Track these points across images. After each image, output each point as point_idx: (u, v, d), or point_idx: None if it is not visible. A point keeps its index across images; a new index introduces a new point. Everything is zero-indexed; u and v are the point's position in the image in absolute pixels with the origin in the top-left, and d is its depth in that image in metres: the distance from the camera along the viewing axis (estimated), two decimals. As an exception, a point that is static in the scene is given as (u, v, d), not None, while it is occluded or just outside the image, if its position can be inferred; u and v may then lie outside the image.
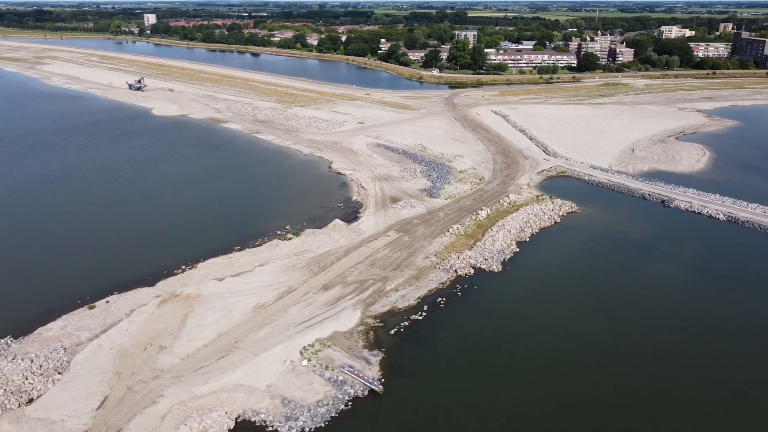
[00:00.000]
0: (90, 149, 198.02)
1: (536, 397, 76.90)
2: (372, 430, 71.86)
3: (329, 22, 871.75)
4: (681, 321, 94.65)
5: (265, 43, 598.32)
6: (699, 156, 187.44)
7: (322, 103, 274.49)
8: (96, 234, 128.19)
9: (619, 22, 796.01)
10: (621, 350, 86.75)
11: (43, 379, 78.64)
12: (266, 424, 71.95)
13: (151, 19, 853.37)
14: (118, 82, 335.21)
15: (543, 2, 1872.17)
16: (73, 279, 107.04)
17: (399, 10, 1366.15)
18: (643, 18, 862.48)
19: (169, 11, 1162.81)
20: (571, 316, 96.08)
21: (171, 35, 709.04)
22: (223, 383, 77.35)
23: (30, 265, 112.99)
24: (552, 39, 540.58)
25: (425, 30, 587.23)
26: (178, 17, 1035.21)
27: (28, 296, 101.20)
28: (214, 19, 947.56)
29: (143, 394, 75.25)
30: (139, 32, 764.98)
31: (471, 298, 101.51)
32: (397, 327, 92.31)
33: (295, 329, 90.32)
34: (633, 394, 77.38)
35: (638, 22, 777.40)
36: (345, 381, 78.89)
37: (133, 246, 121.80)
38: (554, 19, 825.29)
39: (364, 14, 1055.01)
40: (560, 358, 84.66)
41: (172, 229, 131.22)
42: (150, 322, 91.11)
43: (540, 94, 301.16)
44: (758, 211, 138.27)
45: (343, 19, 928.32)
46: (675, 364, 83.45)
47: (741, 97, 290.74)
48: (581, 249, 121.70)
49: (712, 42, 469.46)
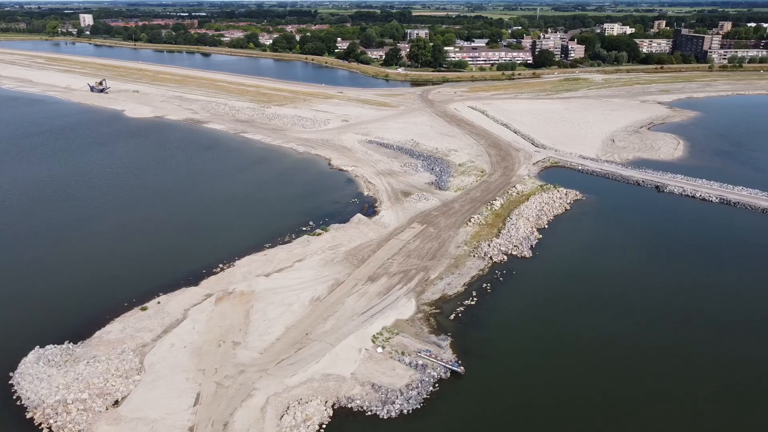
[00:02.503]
0: (78, 153, 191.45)
1: (607, 369, 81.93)
2: (465, 408, 74.86)
3: (275, 21, 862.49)
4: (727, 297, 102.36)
5: (216, 43, 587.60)
6: (675, 145, 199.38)
7: (299, 102, 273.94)
8: (127, 237, 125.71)
9: (559, 20, 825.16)
10: (672, 317, 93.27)
11: (123, 380, 77.72)
12: (364, 409, 73.90)
13: (87, 19, 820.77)
14: (76, 85, 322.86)
15: (479, 1, 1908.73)
16: (115, 282, 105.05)
17: (339, 9, 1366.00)
18: (581, 16, 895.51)
19: (103, 11, 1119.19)
20: (612, 294, 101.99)
21: (114, 36, 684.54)
22: (310, 373, 78.69)
23: (71, 271, 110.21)
24: (502, 37, 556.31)
25: (378, 29, 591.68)
26: (115, 17, 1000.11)
27: (74, 301, 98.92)
28: (153, 19, 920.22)
29: (235, 388, 75.67)
30: (78, 33, 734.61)
31: (513, 283, 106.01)
32: (454, 313, 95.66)
33: (359, 319, 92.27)
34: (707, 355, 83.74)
35: (577, 20, 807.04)
36: (426, 365, 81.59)
37: (166, 248, 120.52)
38: (497, 18, 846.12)
39: (308, 13, 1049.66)
40: (618, 332, 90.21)
41: (200, 230, 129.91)
42: (213, 320, 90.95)
43: (508, 89, 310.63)
44: (744, 193, 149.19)
45: (289, 19, 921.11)
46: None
47: (693, 89, 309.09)
48: (600, 233, 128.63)
49: (654, 38, 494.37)
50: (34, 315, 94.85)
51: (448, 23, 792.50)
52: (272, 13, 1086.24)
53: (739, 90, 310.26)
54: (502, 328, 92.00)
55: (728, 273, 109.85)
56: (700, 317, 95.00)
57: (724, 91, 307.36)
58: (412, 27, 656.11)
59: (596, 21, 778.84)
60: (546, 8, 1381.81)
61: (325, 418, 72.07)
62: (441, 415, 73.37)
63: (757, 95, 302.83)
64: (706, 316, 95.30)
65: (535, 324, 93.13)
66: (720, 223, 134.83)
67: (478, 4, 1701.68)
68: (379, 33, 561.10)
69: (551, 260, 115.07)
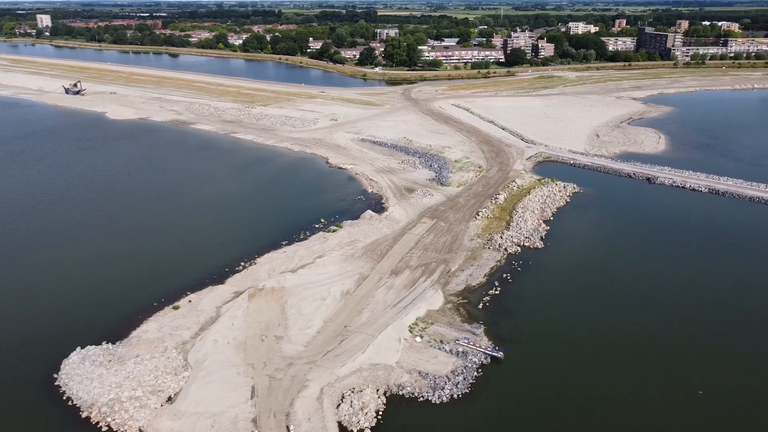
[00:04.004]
0: (72, 158, 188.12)
1: (640, 351, 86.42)
2: (511, 391, 78.06)
3: (240, 22, 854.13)
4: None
5: (184, 43, 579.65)
6: (656, 139, 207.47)
7: (283, 101, 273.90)
8: (144, 239, 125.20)
9: (523, 20, 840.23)
10: (692, 297, 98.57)
11: (173, 377, 78.48)
12: (415, 395, 76.45)
13: (45, 20, 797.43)
14: (50, 87, 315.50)
15: (439, 1, 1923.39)
16: (141, 283, 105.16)
17: (301, 9, 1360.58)
18: (544, 15, 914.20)
19: (58, 11, 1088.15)
20: (629, 280, 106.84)
21: (76, 37, 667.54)
22: (358, 364, 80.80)
23: (95, 273, 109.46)
24: (470, 36, 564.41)
25: (348, 29, 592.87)
26: (72, 18, 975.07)
27: (105, 302, 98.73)
28: (114, 20, 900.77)
29: (288, 380, 77.26)
30: (37, 34, 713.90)
31: (531, 272, 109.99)
32: (482, 302, 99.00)
33: (393, 311, 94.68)
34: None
35: (541, 19, 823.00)
36: (466, 352, 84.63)
37: (185, 248, 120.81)
38: (463, 17, 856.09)
39: (272, 14, 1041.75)
40: (643, 315, 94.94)
41: (214, 230, 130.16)
42: (251, 316, 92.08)
43: (487, 87, 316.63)
44: (730, 183, 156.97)
45: (254, 19, 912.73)
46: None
47: (664, 85, 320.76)
48: (604, 222, 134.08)
49: (619, 37, 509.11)
50: (67, 317, 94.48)
51: (415, 23, 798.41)
52: (236, 13, 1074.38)
53: (705, 86, 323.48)
54: (531, 315, 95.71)
55: (741, 256, 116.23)
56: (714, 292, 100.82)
57: (692, 86, 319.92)
58: (381, 27, 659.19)
59: (559, 20, 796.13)
60: (506, 7, 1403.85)
61: (380, 405, 74.36)
62: (490, 397, 76.50)
63: (723, 90, 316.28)
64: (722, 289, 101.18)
65: (561, 310, 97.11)
66: (714, 211, 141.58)
67: (439, 4, 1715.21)
68: (349, 32, 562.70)
69: (563, 250, 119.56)
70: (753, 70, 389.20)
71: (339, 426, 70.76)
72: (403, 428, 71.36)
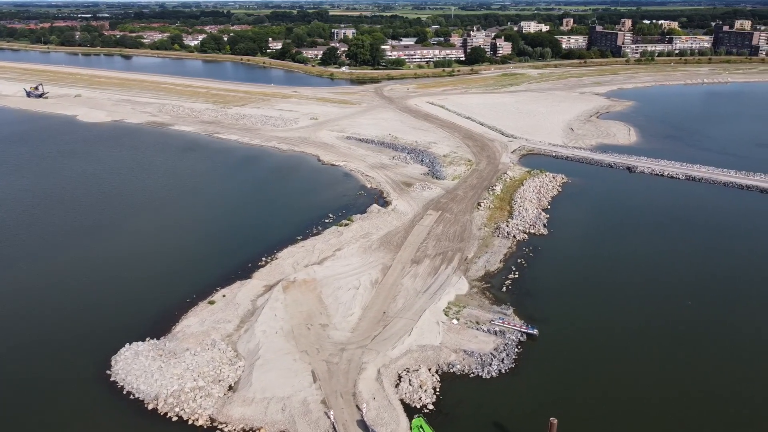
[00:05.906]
0: (52, 163, 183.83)
1: (663, 323, 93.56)
2: (553, 363, 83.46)
3: (190, 22, 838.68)
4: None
5: (137, 45, 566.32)
6: (627, 131, 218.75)
7: (258, 102, 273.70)
8: (161, 239, 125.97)
9: (473, 19, 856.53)
10: (695, 275, 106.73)
11: (230, 367, 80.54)
12: (466, 372, 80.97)
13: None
14: (8, 90, 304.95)
15: (386, 1, 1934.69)
16: (170, 280, 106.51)
17: (247, 9, 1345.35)
18: (493, 15, 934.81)
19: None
20: (637, 260, 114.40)
21: (19, 39, 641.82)
22: (407, 346, 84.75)
23: (124, 273, 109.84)
24: (427, 36, 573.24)
25: (305, 28, 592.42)
26: (9, 19, 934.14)
27: (140, 300, 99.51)
28: (55, 21, 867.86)
29: (345, 364, 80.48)
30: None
31: (544, 257, 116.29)
32: (504, 286, 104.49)
33: (424, 297, 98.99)
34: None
35: (491, 19, 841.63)
36: (503, 331, 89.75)
37: (204, 246, 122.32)
38: (415, 17, 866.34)
39: (222, 14, 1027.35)
40: (656, 291, 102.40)
41: (228, 228, 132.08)
42: (291, 307, 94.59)
43: (456, 85, 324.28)
44: (703, 170, 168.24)
45: (204, 20, 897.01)
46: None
47: (621, 81, 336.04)
48: (599, 209, 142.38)
49: (571, 35, 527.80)
50: (106, 316, 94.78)
51: (367, 22, 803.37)
52: (182, 14, 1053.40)
53: (660, 81, 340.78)
54: (553, 295, 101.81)
55: (730, 231, 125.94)
56: (707, 271, 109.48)
57: (648, 82, 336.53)
58: (336, 26, 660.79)
59: (508, 19, 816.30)
60: (454, 7, 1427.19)
61: (435, 382, 78.53)
62: (535, 370, 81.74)
63: (676, 85, 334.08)
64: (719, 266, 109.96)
65: (579, 289, 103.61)
66: (693, 195, 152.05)
67: (386, 4, 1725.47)
68: (307, 32, 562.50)
69: (567, 235, 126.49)
70: (699, 66, 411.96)
71: (402, 403, 74.55)
72: (462, 402, 75.64)
